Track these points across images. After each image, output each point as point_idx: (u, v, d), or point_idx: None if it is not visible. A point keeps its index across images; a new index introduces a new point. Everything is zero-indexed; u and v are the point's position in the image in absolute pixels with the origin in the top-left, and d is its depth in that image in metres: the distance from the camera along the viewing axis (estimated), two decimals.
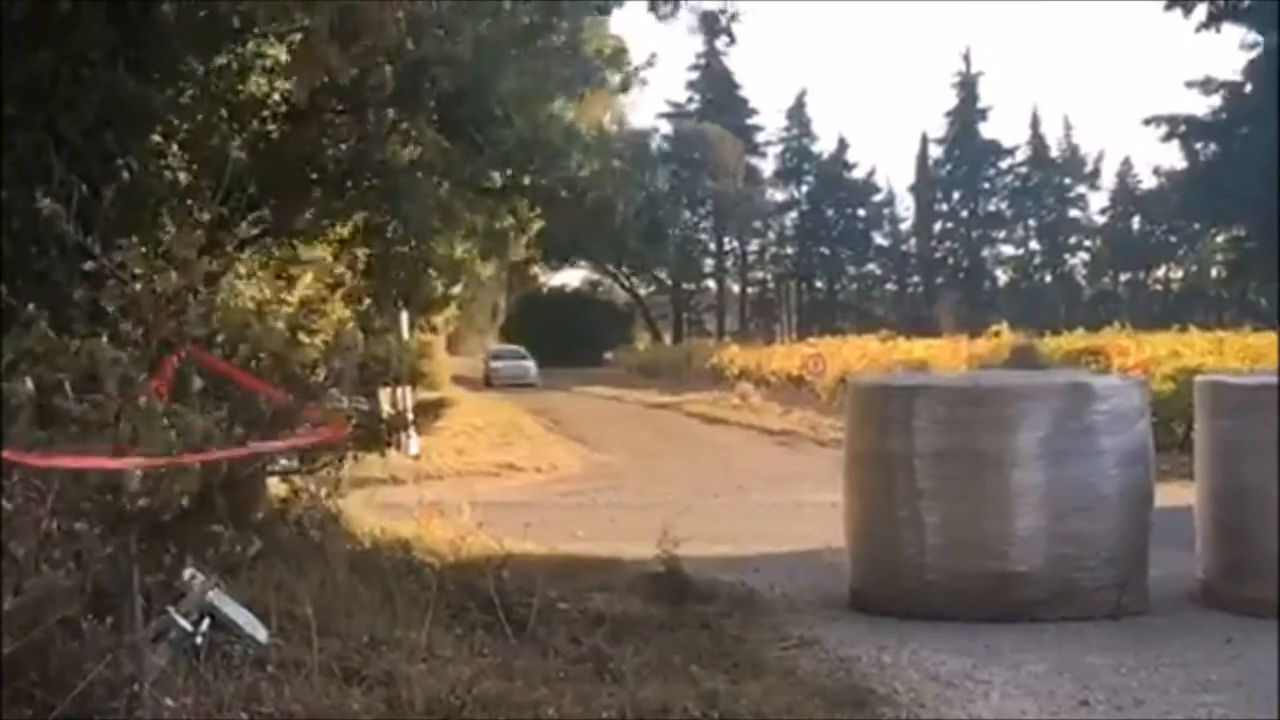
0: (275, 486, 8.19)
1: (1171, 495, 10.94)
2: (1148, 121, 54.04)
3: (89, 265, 6.56)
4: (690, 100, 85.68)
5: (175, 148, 10.44)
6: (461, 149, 12.82)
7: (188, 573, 6.21)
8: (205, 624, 6.17)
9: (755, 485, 19.80)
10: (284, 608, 7.03)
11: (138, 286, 5.92)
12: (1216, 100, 51.70)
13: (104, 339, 5.90)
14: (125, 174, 8.62)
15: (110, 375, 5.74)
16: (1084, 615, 9.11)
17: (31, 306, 5.84)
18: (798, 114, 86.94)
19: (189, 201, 10.23)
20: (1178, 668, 7.87)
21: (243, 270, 12.29)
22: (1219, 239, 57.08)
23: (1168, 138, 53.47)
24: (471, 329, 66.36)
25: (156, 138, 9.86)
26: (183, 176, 10.63)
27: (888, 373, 25.39)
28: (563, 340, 68.12)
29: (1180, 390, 17.74)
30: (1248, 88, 50.90)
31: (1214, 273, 64.65)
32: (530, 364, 60.67)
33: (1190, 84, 51.75)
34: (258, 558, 6.76)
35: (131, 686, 5.44)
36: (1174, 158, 57.13)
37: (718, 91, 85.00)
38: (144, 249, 6.27)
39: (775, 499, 17.88)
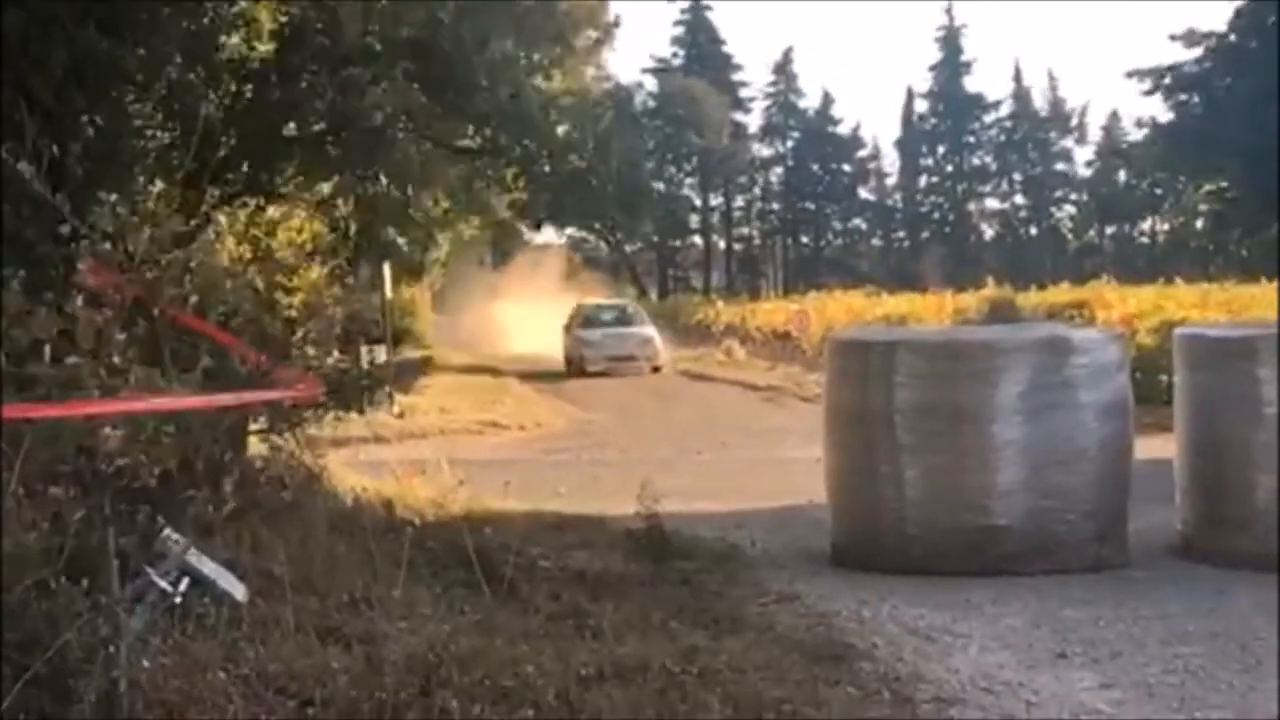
0: (256, 446, 8.19)
1: (1156, 448, 11.00)
2: (1130, 75, 53.86)
3: (63, 225, 6.54)
4: (675, 56, 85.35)
5: (149, 107, 10.37)
6: (439, 107, 12.77)
7: (166, 533, 6.20)
8: (183, 584, 6.16)
9: (739, 441, 19.80)
10: (263, 567, 7.02)
11: (108, 246, 5.90)
12: (1199, 52, 51.58)
13: (78, 299, 5.88)
14: (95, 133, 8.55)
15: (84, 336, 5.74)
16: (1064, 569, 9.14)
17: (5, 268, 5.83)
18: (783, 69, 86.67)
19: (163, 161, 10.17)
20: (1156, 620, 7.90)
21: (222, 226, 12.24)
22: (1203, 190, 57.01)
23: (1151, 91, 53.33)
24: (457, 288, 64.64)
25: (130, 97, 9.80)
26: (158, 136, 10.56)
27: (868, 328, 25.38)
28: None
29: (1165, 343, 17.76)
30: (1232, 38, 50.79)
31: (1199, 224, 64.65)
32: (646, 331, 37.50)
33: (1174, 37, 51.59)
34: (236, 517, 6.78)
35: (108, 648, 5.44)
36: (1159, 110, 56.96)
37: (702, 47, 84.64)
38: (117, 208, 6.24)
39: (759, 455, 17.90)
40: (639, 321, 38.52)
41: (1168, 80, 52.61)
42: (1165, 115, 54.12)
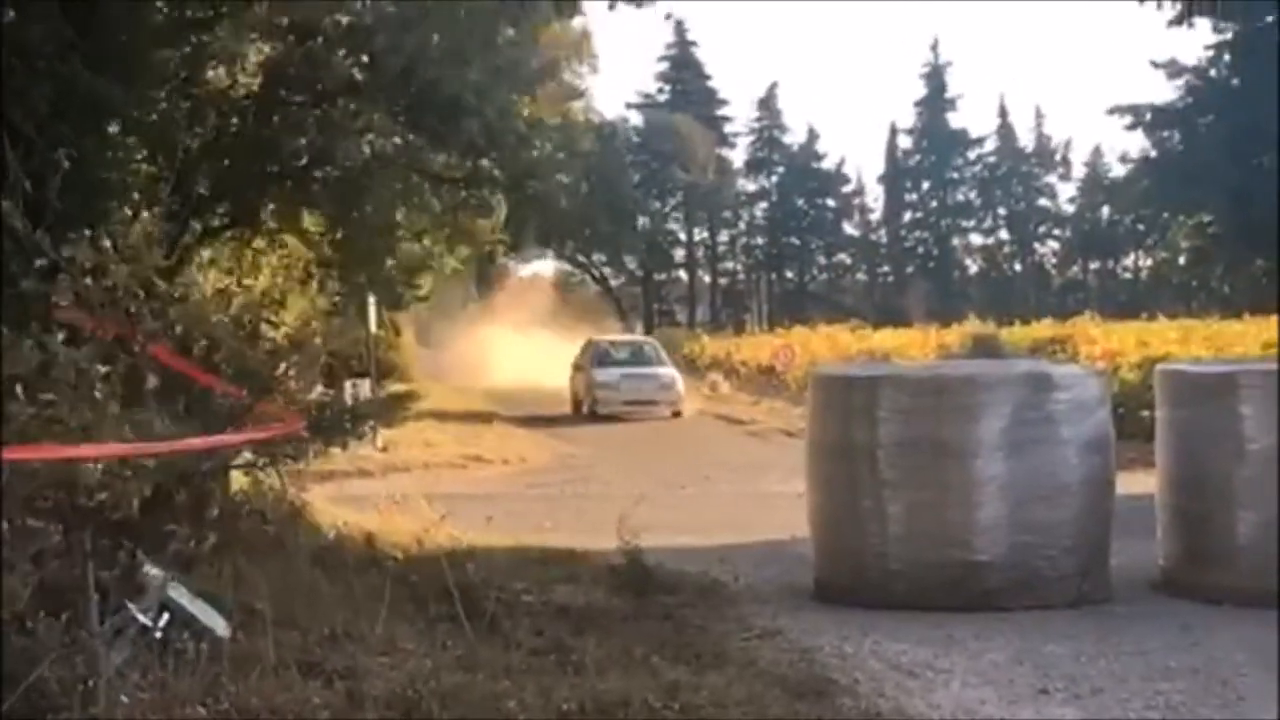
0: (239, 480, 8.16)
1: (1138, 484, 11.01)
2: (1111, 111, 54.30)
3: (42, 260, 6.52)
4: (660, 91, 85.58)
5: (132, 140, 10.36)
6: (424, 139, 12.77)
7: (146, 568, 6.18)
8: (164, 619, 6.14)
9: (723, 476, 19.79)
10: (245, 601, 7.00)
11: (89, 281, 5.89)
12: (1181, 85, 52.03)
13: (58, 336, 5.86)
14: (76, 166, 8.55)
15: (64, 373, 5.71)
16: (1046, 604, 9.13)
17: None
18: (768, 105, 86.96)
19: (146, 194, 10.16)
20: (1137, 656, 7.90)
21: (205, 260, 12.25)
22: (1186, 226, 57.40)
23: (1133, 127, 53.75)
24: (443, 319, 64.02)
25: (113, 130, 9.79)
26: (140, 169, 10.56)
27: (850, 363, 25.45)
28: None
29: (1147, 379, 17.81)
30: (1212, 73, 51.23)
31: (1181, 260, 65.01)
32: (667, 372, 33.29)
33: (1156, 65, 51.98)
34: (218, 551, 6.75)
35: (86, 684, 5.41)
36: (1142, 145, 57.30)
37: (688, 83, 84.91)
38: (97, 243, 6.23)
39: (743, 489, 17.90)
40: (658, 361, 33.96)
41: (1149, 117, 53.01)
42: (1149, 151, 54.59)
